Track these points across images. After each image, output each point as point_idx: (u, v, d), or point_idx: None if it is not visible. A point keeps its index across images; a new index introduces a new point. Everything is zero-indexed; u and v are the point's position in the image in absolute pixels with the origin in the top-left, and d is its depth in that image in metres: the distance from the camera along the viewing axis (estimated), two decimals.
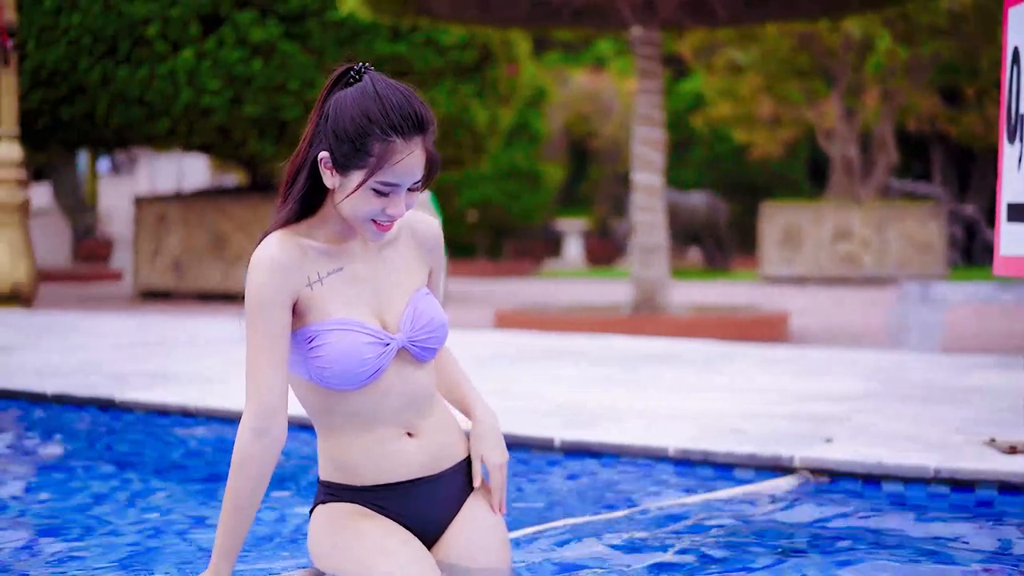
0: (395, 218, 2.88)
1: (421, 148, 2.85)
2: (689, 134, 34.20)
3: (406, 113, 2.83)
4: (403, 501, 3.01)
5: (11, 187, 12.82)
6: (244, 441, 2.86)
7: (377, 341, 2.91)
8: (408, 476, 3.00)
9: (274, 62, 16.92)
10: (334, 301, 2.92)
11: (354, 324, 2.90)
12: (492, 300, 18.52)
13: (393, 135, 2.81)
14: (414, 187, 2.88)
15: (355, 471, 3.00)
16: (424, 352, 2.99)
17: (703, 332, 11.66)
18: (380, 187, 2.84)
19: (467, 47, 18.11)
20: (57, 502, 4.35)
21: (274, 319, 2.87)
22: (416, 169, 2.85)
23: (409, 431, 3.01)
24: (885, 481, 4.54)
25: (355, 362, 2.89)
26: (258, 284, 2.87)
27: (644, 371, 7.36)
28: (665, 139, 13.06)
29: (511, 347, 8.82)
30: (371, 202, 2.85)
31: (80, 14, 16.96)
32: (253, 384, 2.87)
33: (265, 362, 2.87)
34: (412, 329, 2.96)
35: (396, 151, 2.82)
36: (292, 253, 2.91)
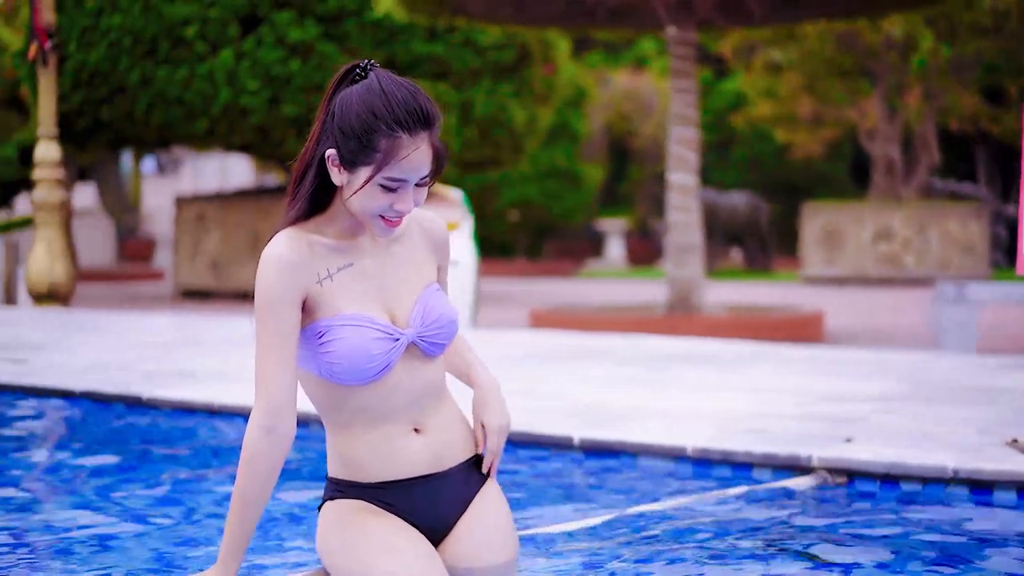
0: (403, 214, 2.89)
1: (427, 144, 2.85)
2: (730, 134, 34.08)
3: (411, 108, 2.84)
4: (409, 498, 3.01)
5: (50, 187, 12.92)
6: (253, 438, 2.88)
7: (387, 336, 2.92)
8: (414, 473, 3.00)
9: (312, 62, 16.99)
10: (344, 297, 2.94)
11: (364, 319, 2.91)
12: (529, 300, 18.53)
13: (399, 131, 2.82)
14: (422, 182, 2.89)
15: (362, 468, 3.00)
16: (433, 347, 3.00)
17: (737, 332, 11.62)
18: (387, 183, 2.85)
19: (505, 47, 18.13)
20: (72, 496, 4.40)
21: (283, 317, 2.89)
22: (422, 164, 2.86)
23: (416, 427, 3.01)
24: (903, 481, 4.53)
25: (364, 357, 2.90)
26: (267, 282, 2.89)
27: (669, 371, 7.35)
28: (700, 139, 13.02)
29: (540, 347, 8.83)
30: (379, 198, 2.87)
31: (121, 15, 17.09)
32: (262, 382, 2.89)
33: (274, 360, 2.89)
34: (422, 324, 2.97)
35: (402, 147, 2.82)
36: (301, 251, 2.93)
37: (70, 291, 13.00)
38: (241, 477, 2.89)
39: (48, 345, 8.62)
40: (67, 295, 12.93)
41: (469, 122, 18.09)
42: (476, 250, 11.23)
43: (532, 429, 5.22)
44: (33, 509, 4.19)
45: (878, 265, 24.39)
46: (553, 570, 3.39)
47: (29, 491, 4.50)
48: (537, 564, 3.42)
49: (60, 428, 5.97)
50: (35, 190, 12.99)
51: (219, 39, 17.02)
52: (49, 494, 4.48)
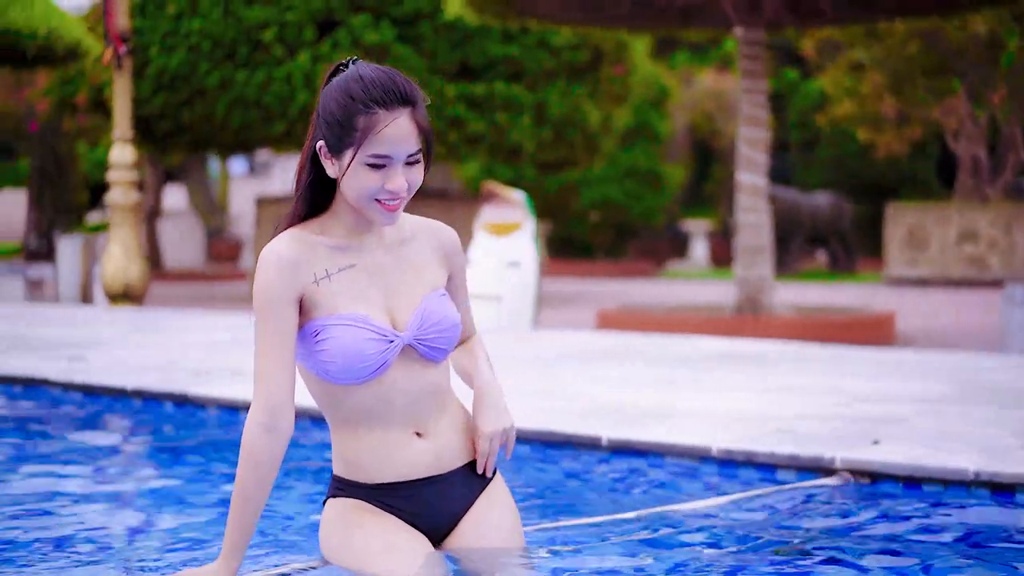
0: (398, 194, 2.91)
1: (408, 120, 2.90)
2: (815, 134, 33.75)
3: (387, 87, 2.91)
4: (410, 500, 3.06)
5: (125, 189, 13.17)
6: (251, 435, 2.94)
7: (380, 337, 2.95)
8: (415, 475, 3.05)
9: (387, 64, 17.10)
10: (342, 297, 2.98)
11: (358, 319, 2.95)
12: (603, 300, 18.51)
13: (375, 107, 2.88)
14: (411, 161, 2.92)
15: (363, 469, 3.05)
16: (432, 352, 3.02)
17: (804, 334, 11.55)
18: (372, 160, 2.88)
19: (579, 48, 18.15)
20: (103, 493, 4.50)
21: (281, 316, 2.94)
22: (404, 140, 2.89)
23: (418, 431, 3.05)
24: (925, 483, 4.50)
25: (356, 357, 2.94)
26: (265, 281, 2.95)
27: (712, 372, 7.34)
28: (769, 139, 12.95)
29: (590, 346, 8.84)
30: (368, 178, 2.90)
31: (200, 20, 17.36)
32: (261, 379, 2.95)
33: (273, 358, 2.95)
34: (420, 328, 3.00)
35: (379, 121, 2.87)
36: (299, 250, 2.98)
37: (144, 291, 13.23)
38: (240, 473, 2.96)
39: (110, 343, 8.79)
40: (141, 295, 13.17)
41: (544, 123, 18.13)
42: (538, 251, 11.26)
43: (561, 428, 5.25)
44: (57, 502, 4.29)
45: (962, 266, 24.05)
46: (567, 569, 3.41)
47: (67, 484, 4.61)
48: (553, 563, 3.45)
49: (105, 424, 6.09)
50: (110, 192, 13.25)
51: (296, 42, 17.22)
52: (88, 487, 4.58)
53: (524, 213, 11.02)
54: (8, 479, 4.70)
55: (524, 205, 11.06)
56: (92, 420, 6.19)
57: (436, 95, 17.33)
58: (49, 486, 4.53)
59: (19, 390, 6.93)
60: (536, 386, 6.65)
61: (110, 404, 6.47)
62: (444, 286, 3.14)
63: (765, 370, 7.42)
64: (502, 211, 10.97)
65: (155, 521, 4.00)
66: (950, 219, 24.24)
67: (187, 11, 17.46)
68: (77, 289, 14.24)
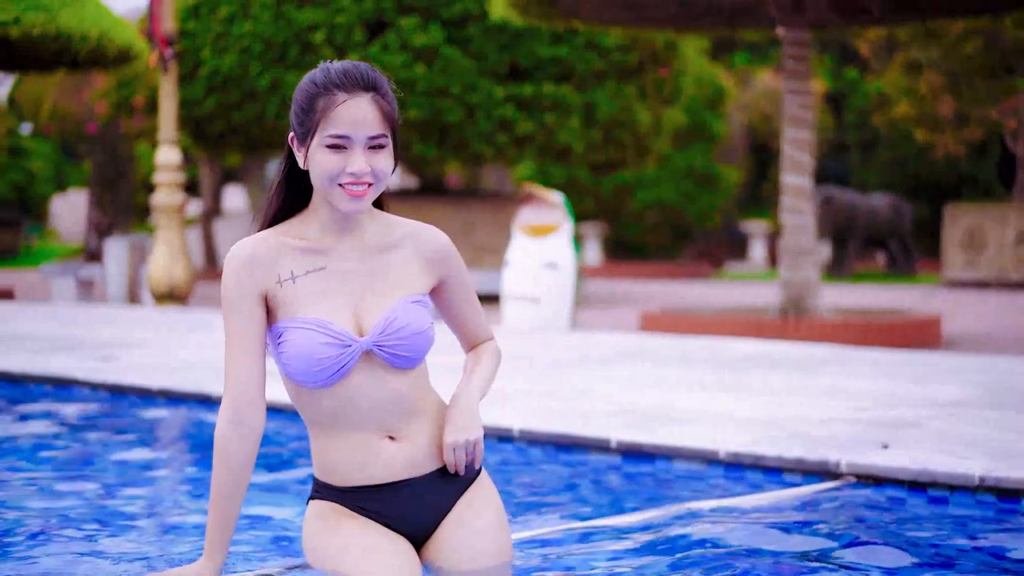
0: (360, 177, 2.91)
1: (369, 103, 2.91)
2: (874, 134, 33.45)
3: (349, 73, 2.94)
4: (385, 502, 3.06)
5: (171, 190, 13.30)
6: (221, 432, 2.97)
7: (336, 342, 2.95)
8: (389, 478, 3.05)
9: (436, 66, 17.17)
10: (306, 300, 2.98)
11: (315, 323, 2.95)
12: (654, 302, 18.45)
13: (335, 89, 2.90)
14: (375, 145, 2.93)
15: (336, 472, 3.06)
16: (396, 359, 3.00)
17: (847, 337, 11.46)
18: (330, 140, 2.90)
19: (629, 49, 18.10)
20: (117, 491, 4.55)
21: (245, 314, 2.97)
22: (363, 121, 2.90)
23: (390, 434, 3.04)
24: (931, 488, 4.45)
25: (311, 361, 2.94)
26: (227, 280, 2.98)
27: (740, 374, 7.30)
28: (814, 140, 12.85)
29: (625, 347, 8.82)
30: (328, 160, 2.91)
31: (252, 22, 17.49)
32: (229, 377, 2.97)
33: (239, 354, 2.97)
34: (381, 334, 2.98)
35: (337, 102, 2.89)
36: (265, 250, 2.99)
37: (189, 291, 13.35)
38: (215, 471, 2.98)
39: (147, 343, 8.88)
40: (186, 295, 13.28)
41: (593, 124, 18.10)
42: (576, 252, 11.25)
43: (572, 430, 5.25)
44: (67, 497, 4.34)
45: (1021, 267, 23.74)
46: (564, 569, 3.41)
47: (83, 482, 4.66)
48: (538, 565, 3.45)
49: (127, 424, 6.15)
50: (155, 193, 13.38)
51: (346, 44, 17.30)
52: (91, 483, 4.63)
53: (562, 215, 11.00)
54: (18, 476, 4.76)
55: (562, 207, 11.05)
56: (112, 419, 6.25)
57: (485, 96, 17.35)
58: (52, 483, 4.59)
59: (50, 389, 7.02)
60: (553, 387, 6.65)
61: (133, 403, 6.54)
62: (424, 293, 3.12)
63: (793, 373, 7.37)
64: (540, 213, 10.96)
65: (155, 521, 4.04)
66: (1008, 220, 23.93)
67: (239, 14, 17.60)
68: (125, 290, 14.39)
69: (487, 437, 5.39)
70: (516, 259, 11.11)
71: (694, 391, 6.58)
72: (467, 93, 17.26)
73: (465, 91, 17.26)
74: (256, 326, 2.98)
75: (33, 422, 6.12)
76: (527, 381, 6.95)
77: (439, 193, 20.31)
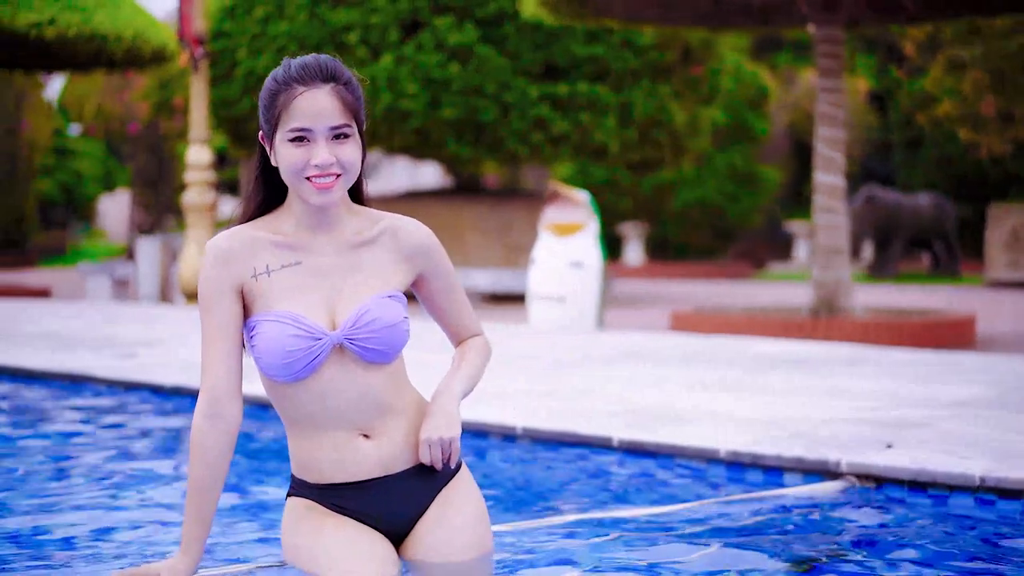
0: (326, 169, 2.91)
1: (329, 94, 2.92)
2: (919, 133, 33.16)
3: (308, 66, 2.95)
4: (361, 499, 3.05)
5: (201, 189, 13.36)
6: (196, 426, 2.98)
7: (306, 335, 2.94)
8: (364, 476, 3.04)
9: (471, 66, 17.18)
10: (280, 294, 2.99)
11: (286, 317, 2.95)
12: (690, 302, 18.37)
13: (293, 83, 2.92)
14: (338, 135, 2.93)
15: (312, 469, 3.06)
16: (367, 352, 2.99)
17: (878, 337, 11.36)
18: (292, 134, 2.91)
19: (664, 47, 18.03)
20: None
21: (221, 308, 2.98)
22: (322, 112, 2.91)
23: (364, 432, 3.04)
24: (931, 488, 4.40)
25: (280, 354, 2.94)
26: (203, 275, 3.00)
27: (757, 374, 7.25)
28: (846, 139, 12.74)
29: (646, 347, 8.79)
30: (292, 154, 2.92)
31: (287, 22, 17.55)
32: (204, 370, 2.99)
33: (215, 349, 2.98)
34: (352, 327, 2.97)
35: (296, 95, 2.91)
36: (239, 244, 3.00)
37: None
38: (192, 465, 2.99)
39: (169, 341, 8.92)
40: None
41: (628, 123, 18.04)
42: (603, 252, 11.20)
43: (576, 429, 5.23)
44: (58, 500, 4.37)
45: None
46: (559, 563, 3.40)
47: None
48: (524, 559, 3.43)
49: (136, 421, 6.18)
50: (186, 193, 13.45)
51: (380, 44, 17.33)
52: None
53: (588, 213, 10.97)
54: (28, 471, 4.79)
55: (588, 206, 11.01)
56: (121, 415, 6.28)
57: (520, 96, 17.32)
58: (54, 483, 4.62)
59: (67, 384, 7.07)
60: (563, 385, 6.63)
61: (145, 399, 6.57)
62: (399, 289, 3.10)
63: (811, 373, 7.31)
64: (566, 211, 10.93)
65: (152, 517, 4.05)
66: None
67: (274, 14, 17.67)
68: (157, 289, 14.47)
69: (492, 434, 5.39)
70: (542, 258, 11.09)
71: (708, 390, 6.54)
72: (502, 92, 17.25)
73: (500, 90, 17.26)
74: (232, 320, 2.99)
75: (50, 418, 6.16)
76: (534, 380, 6.93)
77: (475, 193, 20.31)
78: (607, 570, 3.36)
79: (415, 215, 12.67)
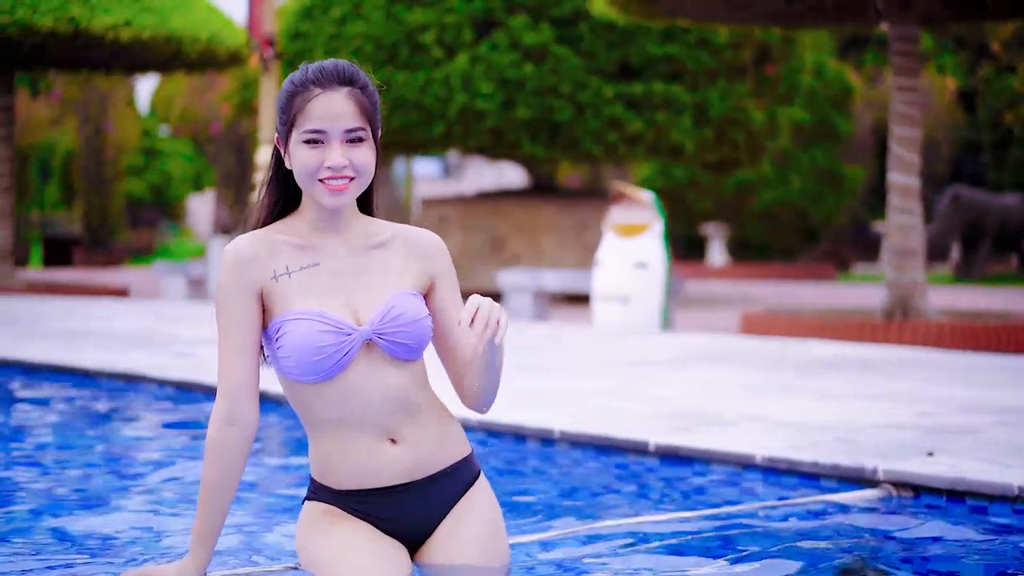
0: (339, 171, 2.91)
1: (345, 97, 2.92)
2: (1007, 132, 32.56)
3: (326, 69, 2.96)
4: (383, 506, 3.03)
5: None
6: (213, 429, 2.97)
7: (336, 331, 2.93)
8: (388, 483, 3.02)
9: (546, 65, 17.13)
10: (302, 294, 2.98)
11: (313, 314, 2.94)
12: (763, 303, 18.18)
13: (310, 86, 2.93)
14: (353, 138, 2.93)
15: (334, 474, 3.03)
16: (395, 347, 2.97)
17: (952, 341, 11.15)
18: (307, 136, 2.92)
19: (742, 46, 17.86)
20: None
21: (239, 311, 2.97)
22: (338, 115, 2.91)
23: (392, 437, 3.01)
24: (969, 498, 4.28)
25: (311, 350, 2.92)
26: (222, 278, 2.99)
27: (806, 377, 7.15)
28: (921, 138, 12.52)
29: (705, 349, 8.71)
30: (307, 156, 2.92)
31: (363, 22, 17.62)
32: (222, 374, 2.98)
33: (232, 353, 2.97)
34: (381, 321, 2.96)
35: (313, 96, 2.92)
36: (257, 248, 2.99)
37: None
38: (206, 467, 2.98)
39: (212, 340, 8.98)
40: None
41: (704, 123, 17.90)
42: (667, 252, 11.10)
43: (614, 433, 5.17)
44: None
45: None
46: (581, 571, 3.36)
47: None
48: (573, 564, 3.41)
49: (187, 417, 6.22)
50: (254, 192, 13.53)
51: (455, 44, 17.34)
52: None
53: (653, 214, 10.88)
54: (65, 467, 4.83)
55: (653, 206, 10.92)
56: (174, 413, 6.33)
57: (594, 95, 17.25)
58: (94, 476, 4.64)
59: (121, 384, 7.14)
60: (611, 387, 6.58)
61: (197, 398, 6.61)
62: (417, 290, 3.08)
63: (869, 377, 7.19)
64: (631, 212, 10.86)
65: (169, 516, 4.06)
66: None
67: (351, 14, 17.74)
68: None
69: (530, 437, 5.34)
70: (606, 259, 11.03)
71: (756, 394, 6.47)
72: (577, 92, 17.19)
73: (575, 90, 17.19)
74: (250, 324, 2.98)
75: (107, 416, 6.22)
76: (583, 382, 6.88)
77: (551, 193, 20.25)
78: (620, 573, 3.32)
79: (490, 215, 12.80)
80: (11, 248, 16.67)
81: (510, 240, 18.77)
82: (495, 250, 18.79)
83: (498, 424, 5.38)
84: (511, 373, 3.65)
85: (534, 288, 12.94)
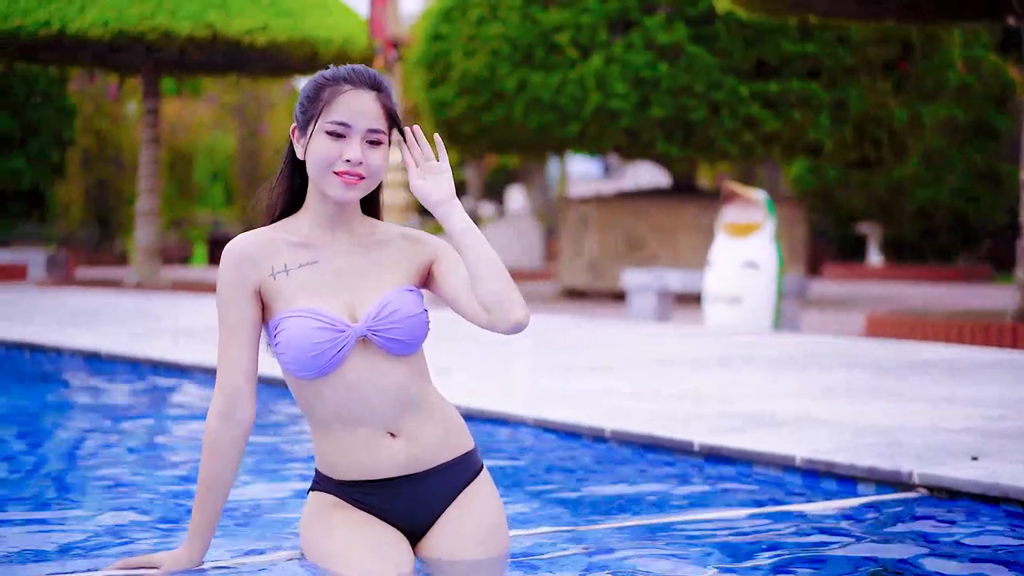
0: (355, 165, 2.98)
1: (373, 99, 3.02)
2: None
3: (357, 70, 3.06)
4: (384, 497, 3.10)
5: (393, 189, 13.64)
6: (210, 424, 3.07)
7: (330, 328, 3.00)
8: (389, 474, 3.09)
9: (680, 64, 17.04)
10: (300, 292, 3.05)
11: (308, 311, 3.01)
12: (903, 304, 17.81)
13: (341, 82, 3.02)
14: (374, 139, 3.00)
15: (336, 466, 3.12)
16: (391, 344, 3.04)
17: None
18: (331, 126, 2.99)
19: (883, 43, 17.53)
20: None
21: (239, 308, 3.06)
22: (365, 113, 2.99)
23: (391, 431, 3.08)
24: (1004, 503, 4.20)
25: (306, 347, 3.00)
26: (221, 275, 3.08)
27: (886, 380, 7.04)
28: None
29: (802, 350, 8.61)
30: (326, 146, 2.99)
31: (500, 24, 17.74)
32: (220, 369, 3.08)
33: (231, 349, 3.07)
34: (375, 319, 3.03)
35: (343, 91, 3.00)
36: (258, 245, 3.08)
37: None
38: (203, 462, 3.07)
39: None
40: None
41: (844, 121, 17.61)
42: (779, 254, 10.98)
43: (659, 432, 5.18)
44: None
45: None
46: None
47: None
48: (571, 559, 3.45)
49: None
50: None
51: (590, 44, 17.36)
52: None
53: (765, 214, 10.78)
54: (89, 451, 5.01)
55: (765, 206, 10.81)
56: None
57: (729, 94, 17.10)
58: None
59: (160, 370, 7.46)
60: (678, 387, 6.57)
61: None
62: (415, 284, 3.15)
63: (955, 381, 7.04)
64: (743, 211, 10.78)
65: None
66: None
67: (488, 16, 17.87)
68: None
69: (583, 435, 5.38)
70: (717, 259, 10.96)
71: (822, 396, 6.42)
72: (711, 91, 17.07)
73: (709, 89, 17.07)
74: (249, 320, 3.06)
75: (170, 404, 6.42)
76: (657, 382, 6.87)
77: (690, 193, 20.13)
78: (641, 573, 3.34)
79: (629, 215, 12.84)
80: (158, 247, 17.15)
81: (648, 240, 18.71)
82: (633, 250, 18.74)
83: (550, 422, 5.45)
84: (575, 373, 3.67)
85: (657, 288, 12.91)
